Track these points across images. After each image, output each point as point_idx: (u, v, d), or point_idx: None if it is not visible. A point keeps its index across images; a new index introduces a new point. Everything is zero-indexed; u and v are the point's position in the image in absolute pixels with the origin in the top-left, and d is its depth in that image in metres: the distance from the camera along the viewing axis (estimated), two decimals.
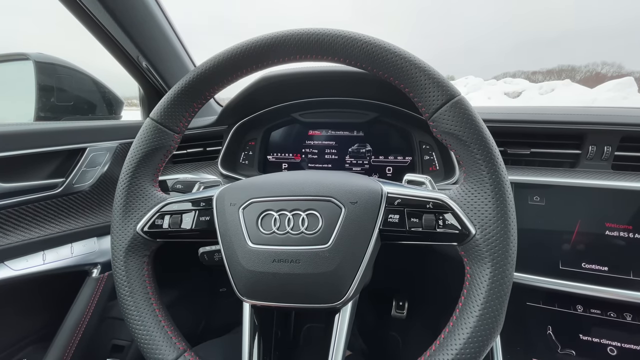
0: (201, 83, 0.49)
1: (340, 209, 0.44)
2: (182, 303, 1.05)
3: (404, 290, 1.07)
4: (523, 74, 76.64)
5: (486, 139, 0.40)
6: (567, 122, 0.73)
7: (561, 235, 0.67)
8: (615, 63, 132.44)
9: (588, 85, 14.00)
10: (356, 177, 0.50)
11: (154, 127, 0.50)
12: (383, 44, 0.42)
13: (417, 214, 0.43)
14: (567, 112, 0.76)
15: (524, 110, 0.83)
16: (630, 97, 9.96)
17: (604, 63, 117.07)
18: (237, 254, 0.45)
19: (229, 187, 0.50)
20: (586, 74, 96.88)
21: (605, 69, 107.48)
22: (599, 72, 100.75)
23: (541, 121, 0.74)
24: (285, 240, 0.43)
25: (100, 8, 0.65)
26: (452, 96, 0.41)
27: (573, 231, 0.66)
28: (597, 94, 11.03)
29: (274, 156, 0.97)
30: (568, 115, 0.74)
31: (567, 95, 11.67)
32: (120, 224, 0.49)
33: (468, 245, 0.41)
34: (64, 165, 0.70)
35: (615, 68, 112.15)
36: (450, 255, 0.70)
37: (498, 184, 0.39)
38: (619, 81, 10.89)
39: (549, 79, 56.44)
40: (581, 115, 0.74)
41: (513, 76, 36.76)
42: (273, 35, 0.45)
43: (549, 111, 0.79)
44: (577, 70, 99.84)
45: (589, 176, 0.69)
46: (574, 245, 0.66)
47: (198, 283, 1.17)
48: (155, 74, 0.83)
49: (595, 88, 12.06)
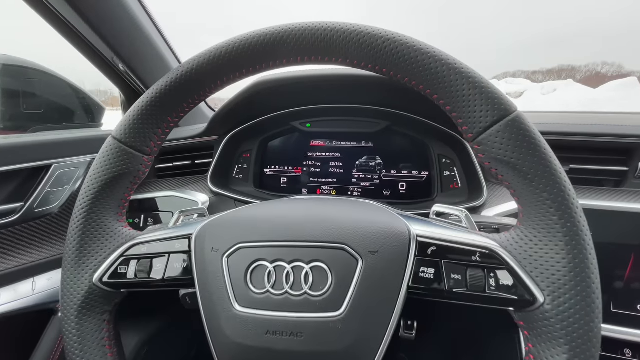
0: (177, 93, 0.38)
1: (356, 261, 0.33)
2: (161, 340, 0.87)
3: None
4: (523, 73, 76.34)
5: (556, 171, 0.29)
6: (613, 135, 0.62)
7: (612, 271, 0.56)
8: (616, 63, 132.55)
9: (589, 85, 13.82)
10: (375, 211, 0.39)
11: (117, 148, 0.39)
12: (412, 42, 0.32)
13: (459, 268, 0.32)
14: (610, 123, 0.66)
15: (559, 119, 0.72)
16: (633, 97, 9.84)
17: (604, 63, 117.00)
18: (219, 319, 0.34)
19: (210, 224, 0.40)
20: (586, 74, 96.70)
21: (605, 68, 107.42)
22: (599, 71, 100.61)
23: (583, 133, 0.63)
24: (283, 303, 0.33)
25: (65, 5, 0.54)
26: (506, 112, 0.30)
27: (626, 267, 0.56)
28: (600, 94, 10.90)
29: (271, 169, 0.86)
30: (613, 127, 0.64)
31: (570, 96, 11.54)
32: (72, 274, 0.38)
33: (531, 315, 0.30)
34: (22, 187, 0.59)
35: (616, 68, 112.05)
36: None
37: (575, 234, 0.29)
38: (622, 81, 10.76)
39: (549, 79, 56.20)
40: (629, 127, 0.63)
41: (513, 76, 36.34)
42: (267, 32, 0.34)
43: (589, 120, 0.68)
44: (577, 70, 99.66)
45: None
46: (627, 283, 0.56)
47: (181, 315, 1.00)
48: (134, 77, 0.72)
49: (597, 88, 11.93)
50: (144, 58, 0.71)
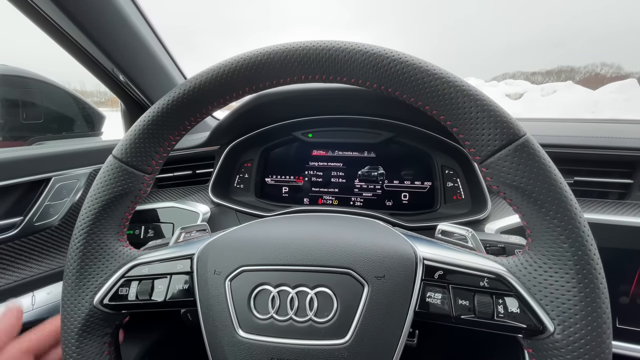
0: (179, 111, 0.37)
1: (362, 286, 0.32)
2: (161, 353, 0.83)
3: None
4: (522, 74, 76.44)
5: (567, 198, 0.29)
6: (618, 148, 0.62)
7: (617, 287, 0.56)
8: (615, 64, 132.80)
9: (588, 86, 13.82)
10: (380, 232, 0.38)
11: (118, 168, 0.38)
12: (419, 64, 0.31)
13: (467, 293, 0.32)
14: (614, 134, 0.65)
15: (563, 128, 0.71)
16: (633, 99, 9.86)
17: (603, 64, 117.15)
18: (222, 345, 0.33)
19: (213, 244, 0.39)
20: (585, 75, 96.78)
21: (604, 69, 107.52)
22: (598, 72, 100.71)
23: (588, 146, 0.63)
24: (288, 330, 0.32)
25: (62, 16, 0.54)
26: (515, 136, 0.29)
27: (632, 282, 0.55)
28: (600, 95, 10.92)
29: (272, 178, 0.86)
30: (618, 140, 0.63)
31: (570, 97, 11.55)
32: (72, 296, 0.38)
33: (541, 343, 0.30)
34: (22, 201, 0.59)
35: (615, 69, 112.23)
36: None
37: (586, 262, 0.28)
38: (622, 83, 10.77)
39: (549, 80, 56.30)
40: (634, 139, 0.63)
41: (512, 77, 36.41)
42: (269, 51, 0.34)
43: (593, 131, 0.68)
44: (576, 71, 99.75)
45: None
46: (633, 298, 0.55)
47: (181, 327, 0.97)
48: (135, 89, 0.71)
49: (597, 90, 11.95)
50: (145, 70, 0.70)
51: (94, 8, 0.54)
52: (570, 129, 0.71)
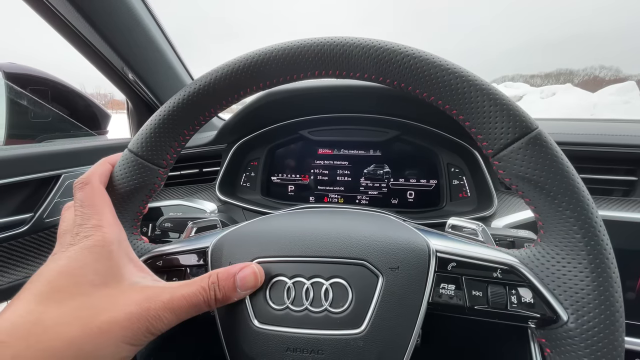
0: (194, 106, 0.38)
1: (376, 277, 0.33)
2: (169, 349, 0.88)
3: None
4: (522, 77, 76.73)
5: (579, 189, 0.29)
6: (622, 145, 0.63)
7: (623, 282, 0.56)
8: (613, 67, 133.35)
9: (587, 89, 13.91)
10: (393, 225, 0.39)
11: (134, 161, 0.39)
12: (432, 59, 0.32)
13: (480, 284, 0.32)
14: (618, 132, 0.66)
15: (565, 127, 0.72)
16: (632, 101, 9.91)
17: (601, 67, 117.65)
18: (238, 335, 0.34)
19: (227, 237, 0.39)
20: (584, 78, 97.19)
21: (603, 72, 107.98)
22: (597, 75, 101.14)
23: (592, 143, 0.64)
24: (303, 320, 0.33)
25: (76, 14, 0.54)
26: (528, 129, 0.30)
27: (637, 277, 0.56)
28: (599, 98, 10.97)
29: (278, 177, 0.86)
30: (622, 137, 0.64)
31: (569, 99, 11.61)
32: None
33: (554, 333, 0.30)
34: (32, 197, 0.59)
35: (613, 72, 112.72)
36: None
37: (599, 252, 0.29)
38: (621, 85, 10.82)
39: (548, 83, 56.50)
40: (638, 137, 0.63)
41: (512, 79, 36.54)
42: (284, 46, 0.34)
43: (596, 129, 0.68)
44: (575, 73, 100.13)
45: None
46: (639, 293, 0.56)
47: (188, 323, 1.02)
48: (144, 88, 0.72)
49: (596, 92, 12.00)
50: (155, 69, 0.71)
51: (108, 7, 0.55)
52: (573, 127, 0.72)
